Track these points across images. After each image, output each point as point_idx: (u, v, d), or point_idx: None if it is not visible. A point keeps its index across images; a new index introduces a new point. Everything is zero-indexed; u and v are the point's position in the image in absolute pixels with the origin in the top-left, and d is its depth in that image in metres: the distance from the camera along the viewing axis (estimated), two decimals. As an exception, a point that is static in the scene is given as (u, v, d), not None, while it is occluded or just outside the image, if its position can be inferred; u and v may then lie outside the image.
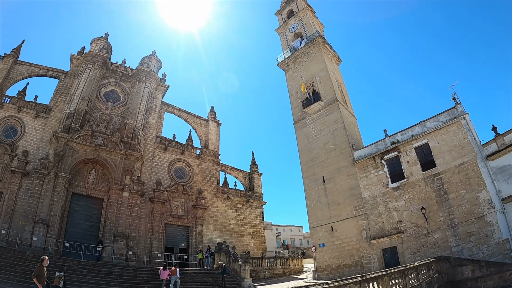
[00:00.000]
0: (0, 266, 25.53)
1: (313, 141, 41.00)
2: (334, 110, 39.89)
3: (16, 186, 35.34)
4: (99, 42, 45.90)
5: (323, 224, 36.96)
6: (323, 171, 38.83)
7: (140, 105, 43.47)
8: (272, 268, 40.71)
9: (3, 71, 41.13)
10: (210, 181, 46.38)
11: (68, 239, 34.73)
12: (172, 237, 41.26)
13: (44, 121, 39.80)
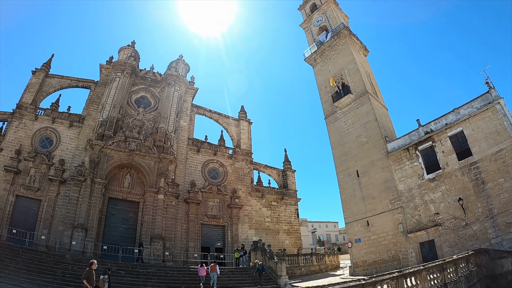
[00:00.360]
0: (40, 270, 26.83)
1: (345, 135, 40.50)
2: (365, 102, 39.25)
3: (54, 194, 37.27)
4: (127, 51, 47.11)
5: (358, 219, 36.55)
6: (356, 165, 38.33)
7: (171, 109, 44.20)
8: (308, 265, 40.43)
9: (36, 85, 43.36)
10: (243, 180, 46.64)
11: (106, 242, 35.98)
12: (208, 237, 41.82)
13: (78, 130, 41.60)
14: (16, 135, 40.61)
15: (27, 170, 38.48)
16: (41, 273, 26.52)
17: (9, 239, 33.90)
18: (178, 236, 39.47)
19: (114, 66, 45.37)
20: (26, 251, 30.38)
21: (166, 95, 45.28)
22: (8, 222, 35.98)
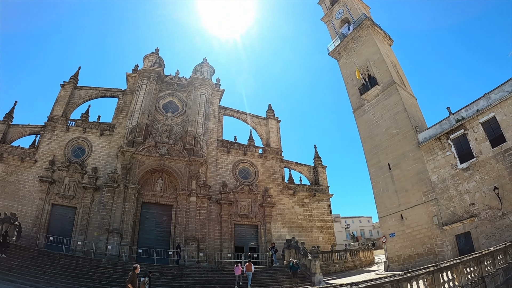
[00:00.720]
0: (77, 274, 27.82)
1: (375, 128, 39.99)
2: (393, 93, 38.63)
3: (89, 201, 38.62)
4: (151, 58, 47.82)
5: (392, 213, 36.03)
6: (387, 157, 37.78)
7: (199, 112, 44.65)
8: (343, 261, 40.23)
9: (65, 97, 44.81)
10: (275, 178, 46.50)
11: (141, 245, 36.97)
12: (241, 237, 42.00)
13: (109, 138, 42.71)
14: (49, 147, 42.02)
15: (62, 179, 39.84)
16: (78, 277, 27.41)
17: (46, 246, 35.44)
18: (211, 237, 39.83)
19: (140, 74, 46.27)
20: (63, 257, 31.52)
21: (193, 98, 45.76)
22: (45, 230, 37.58)
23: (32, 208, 38.72)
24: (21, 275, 26.03)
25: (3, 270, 25.96)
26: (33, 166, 41.03)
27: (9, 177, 40.46)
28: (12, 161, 41.17)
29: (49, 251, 33.28)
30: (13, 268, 26.98)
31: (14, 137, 44.60)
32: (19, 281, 24.73)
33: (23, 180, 40.53)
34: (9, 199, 39.28)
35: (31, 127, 45.14)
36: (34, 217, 38.15)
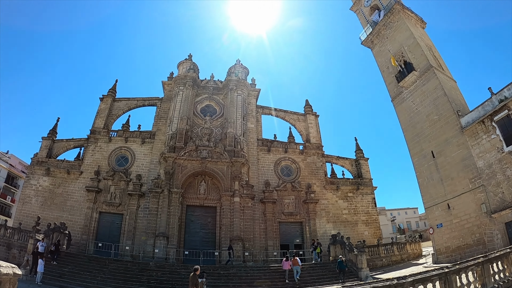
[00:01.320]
0: (126, 278, 28.71)
1: (415, 115, 38.85)
2: (431, 78, 37.31)
3: (135, 207, 39.82)
4: (185, 64, 48.70)
5: (438, 203, 34.71)
6: (430, 145, 36.53)
7: (237, 113, 44.86)
8: (390, 255, 39.27)
9: (105, 110, 46.45)
10: (317, 174, 45.99)
11: (187, 247, 37.77)
12: (286, 234, 41.81)
13: (150, 145, 43.86)
14: (93, 158, 43.44)
15: (107, 188, 41.17)
16: (127, 281, 28.27)
17: (95, 252, 36.89)
18: (256, 236, 39.89)
19: (175, 81, 47.19)
20: (112, 262, 32.58)
21: (229, 100, 46.03)
22: (94, 237, 39.08)
23: (81, 217, 40.29)
24: (72, 280, 27.10)
25: (55, 277, 27.08)
26: (79, 177, 42.51)
27: (57, 189, 42.13)
28: (59, 174, 42.83)
29: (98, 256, 34.56)
30: (65, 274, 28.11)
31: (59, 151, 46.34)
32: (71, 286, 25.79)
33: (70, 191, 42.11)
34: (58, 210, 41.03)
35: (75, 141, 46.81)
36: (83, 225, 39.68)
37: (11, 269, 10.72)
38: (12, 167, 72.96)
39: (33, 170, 43.69)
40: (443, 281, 12.10)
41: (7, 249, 34.63)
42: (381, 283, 10.99)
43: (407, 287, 11.14)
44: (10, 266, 10.79)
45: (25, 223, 38.87)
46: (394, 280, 11.17)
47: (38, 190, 42.45)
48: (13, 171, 72.81)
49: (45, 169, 42.92)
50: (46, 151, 44.81)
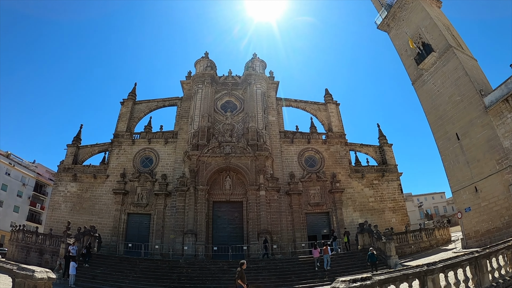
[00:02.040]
0: (157, 276, 29.26)
1: (437, 97, 38.06)
2: (451, 58, 36.37)
3: (162, 206, 40.47)
4: (202, 62, 48.85)
5: (465, 186, 33.84)
6: (454, 127, 35.63)
7: (257, 107, 44.73)
8: (418, 241, 38.76)
9: (126, 113, 47.29)
10: (341, 163, 45.65)
11: (216, 243, 38.28)
12: (313, 225, 41.73)
13: (173, 145, 44.41)
14: (118, 161, 44.20)
15: (134, 189, 41.91)
16: (158, 279, 28.76)
17: (126, 253, 37.69)
18: (284, 228, 39.98)
19: (194, 79, 47.48)
20: (142, 261, 33.19)
21: (249, 95, 45.97)
22: (124, 238, 39.93)
23: (109, 219, 41.19)
24: (105, 281, 27.78)
25: (88, 279, 27.74)
26: (106, 181, 43.33)
27: (85, 194, 43.00)
28: (86, 179, 43.72)
29: (129, 257, 35.28)
30: (97, 276, 28.81)
31: (85, 157, 47.24)
32: (104, 287, 26.42)
33: (98, 194, 42.96)
34: (87, 214, 41.99)
35: (99, 146, 47.68)
36: (112, 227, 40.54)
37: (45, 274, 11.12)
38: (40, 176, 74.72)
39: (60, 177, 44.63)
40: (473, 266, 12.08)
41: (40, 255, 35.62)
42: (411, 270, 10.85)
43: (437, 273, 11.11)
44: (44, 271, 11.19)
45: (56, 228, 39.85)
46: (424, 266, 11.06)
47: (66, 196, 43.40)
48: (41, 179, 74.58)
49: (72, 175, 43.83)
50: (72, 157, 45.74)
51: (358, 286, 9.19)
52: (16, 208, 67.73)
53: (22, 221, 60.42)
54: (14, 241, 39.31)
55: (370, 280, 9.54)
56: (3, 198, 65.21)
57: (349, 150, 47.57)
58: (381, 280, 9.86)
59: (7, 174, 66.36)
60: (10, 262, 12.70)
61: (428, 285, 10.74)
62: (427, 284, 10.74)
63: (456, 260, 11.94)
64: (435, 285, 10.87)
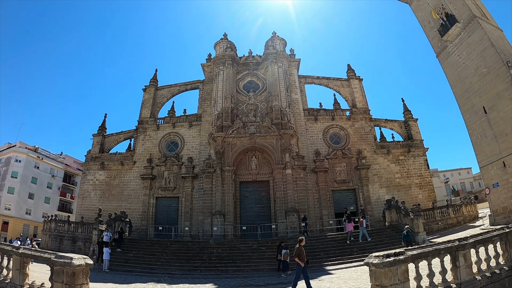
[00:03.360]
0: (188, 257, 29.78)
1: (463, 70, 37.02)
2: (475, 29, 35.29)
3: (189, 189, 41.08)
4: (222, 44, 48.49)
5: (493, 161, 32.99)
6: (481, 100, 34.56)
7: (279, 86, 44.33)
8: (445, 218, 38.06)
9: (149, 100, 47.89)
10: (366, 139, 45.13)
11: (244, 223, 38.68)
12: (340, 202, 41.49)
13: (198, 128, 44.83)
14: (144, 147, 44.88)
15: (161, 174, 42.60)
16: (189, 260, 29.22)
17: (156, 236, 38.58)
18: (311, 206, 40.03)
19: (214, 62, 47.33)
20: (173, 243, 33.74)
21: (271, 74, 45.55)
22: (153, 222, 40.85)
23: (138, 204, 42.10)
24: (137, 264, 28.46)
25: (121, 263, 28.51)
26: (133, 167, 44.12)
27: (113, 181, 43.86)
28: (113, 167, 44.58)
29: (159, 239, 36.07)
30: (130, 260, 29.53)
31: (111, 145, 48.13)
32: (136, 270, 26.92)
33: (126, 181, 43.78)
34: (116, 200, 42.86)
35: (124, 133, 48.47)
36: (141, 212, 41.48)
37: (83, 260, 11.42)
38: (68, 167, 76.42)
39: (88, 166, 45.73)
40: (504, 242, 12.07)
41: (73, 243, 36.71)
42: (443, 245, 10.90)
43: (468, 248, 11.14)
44: (82, 258, 11.49)
45: (87, 216, 41.04)
46: (455, 241, 11.04)
47: (95, 184, 44.51)
48: (69, 170, 76.32)
49: (99, 164, 44.86)
50: (98, 146, 46.68)
51: (391, 260, 9.33)
52: (47, 199, 69.67)
53: (54, 211, 62.18)
54: (47, 231, 40.60)
55: (403, 255, 9.68)
56: (34, 190, 67.10)
57: (374, 126, 46.91)
58: (414, 255, 10.03)
59: (36, 167, 68.17)
60: (47, 251, 12.98)
61: (459, 261, 10.83)
62: (458, 260, 10.83)
63: (487, 235, 11.95)
64: (467, 260, 10.97)
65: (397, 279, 9.36)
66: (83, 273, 11.35)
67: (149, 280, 22.29)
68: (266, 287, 19.06)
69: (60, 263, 11.06)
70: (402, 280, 9.46)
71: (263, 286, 19.53)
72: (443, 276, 10.72)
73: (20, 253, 12.49)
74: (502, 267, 11.77)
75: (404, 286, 9.51)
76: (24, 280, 12.48)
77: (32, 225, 64.87)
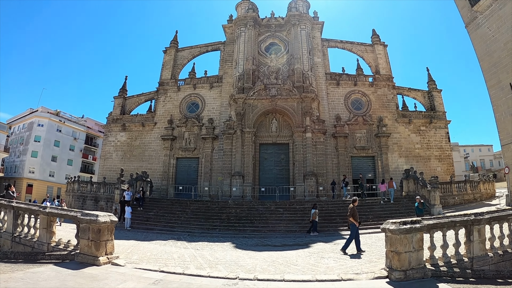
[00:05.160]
0: (207, 216, 30.40)
1: (492, 43, 35.54)
2: (508, 1, 33.13)
3: (209, 150, 41.57)
4: (243, 5, 47.67)
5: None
6: (508, 76, 32.72)
7: (302, 48, 43.66)
8: (462, 193, 37.58)
9: (170, 61, 48.34)
10: (388, 107, 44.57)
11: (263, 184, 39.03)
12: (358, 169, 41.35)
13: (218, 89, 44.84)
14: (165, 108, 45.19)
15: (182, 134, 43.06)
16: (208, 219, 29.83)
17: (176, 195, 39.49)
18: (329, 171, 40.03)
19: (236, 23, 46.73)
20: (193, 203, 34.43)
21: (293, 36, 44.84)
22: (173, 181, 41.61)
23: (159, 164, 42.71)
24: (158, 222, 29.13)
25: (142, 221, 29.29)
26: (154, 128, 44.63)
27: (134, 142, 44.51)
28: (134, 128, 45.17)
29: (179, 199, 36.70)
30: (151, 218, 30.31)
31: (132, 107, 48.60)
32: (157, 228, 27.57)
33: (147, 142, 44.39)
34: (137, 161, 43.53)
35: (145, 95, 48.89)
36: (162, 172, 42.12)
37: (108, 217, 11.80)
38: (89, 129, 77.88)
39: (110, 128, 46.44)
40: None
41: (95, 202, 37.59)
42: (459, 218, 10.97)
43: (484, 224, 11.14)
44: (107, 215, 11.86)
45: (108, 177, 41.98)
46: (471, 215, 11.06)
47: (117, 146, 45.31)
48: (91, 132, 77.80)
49: (121, 125, 45.50)
50: (119, 108, 47.26)
51: (408, 228, 9.60)
52: (69, 161, 71.59)
53: (76, 173, 63.50)
54: (70, 192, 41.69)
55: (419, 223, 9.92)
56: (57, 153, 68.91)
57: (397, 94, 46.31)
58: (430, 225, 10.24)
59: (58, 131, 69.64)
60: (74, 210, 13.40)
61: (473, 235, 10.89)
62: (472, 234, 10.89)
63: (503, 213, 11.90)
64: (481, 236, 11.02)
65: (412, 247, 9.66)
66: (108, 230, 11.80)
67: (169, 238, 22.84)
68: (283, 247, 19.27)
69: (86, 220, 11.49)
70: (417, 248, 9.76)
71: (280, 246, 19.80)
72: (457, 248, 10.89)
73: (47, 212, 12.89)
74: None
75: (418, 254, 9.80)
76: (51, 238, 12.94)
77: (55, 186, 66.79)
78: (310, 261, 14.16)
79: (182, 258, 14.76)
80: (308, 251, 17.24)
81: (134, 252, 16.08)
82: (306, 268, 12.71)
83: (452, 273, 10.08)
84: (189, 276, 10.42)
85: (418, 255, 9.82)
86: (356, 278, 10.06)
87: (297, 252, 17.22)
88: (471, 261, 10.66)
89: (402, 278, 9.33)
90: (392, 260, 9.80)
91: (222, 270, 12.04)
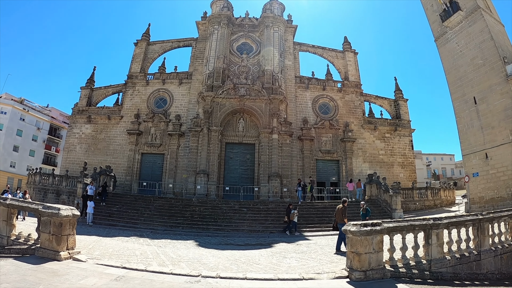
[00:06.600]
0: (171, 213, 30.34)
1: (459, 58, 36.87)
2: (477, 19, 34.99)
3: (175, 146, 41.18)
4: (219, 3, 47.44)
5: (476, 151, 33.53)
6: (473, 90, 34.68)
7: (274, 50, 43.86)
8: (423, 199, 38.98)
9: (140, 54, 47.67)
10: (355, 113, 45.34)
11: (227, 183, 38.99)
12: (323, 172, 42.10)
13: (188, 86, 44.56)
14: (132, 102, 44.63)
15: (148, 130, 42.54)
16: (172, 216, 29.78)
17: (140, 192, 38.87)
18: (294, 173, 40.28)
19: (209, 20, 46.38)
20: (156, 199, 34.25)
21: (266, 37, 44.96)
22: (138, 177, 40.96)
23: (124, 159, 42.07)
24: (120, 219, 28.81)
25: (104, 216, 28.80)
26: (120, 121, 43.93)
27: (99, 135, 43.80)
28: (100, 120, 44.40)
29: (143, 195, 36.29)
30: (113, 214, 29.87)
31: (99, 99, 47.79)
32: (120, 224, 27.27)
33: (112, 135, 43.69)
34: (102, 154, 42.84)
35: (113, 87, 48.09)
36: (126, 167, 41.52)
37: (70, 211, 11.63)
38: (54, 119, 75.77)
39: (75, 119, 45.44)
40: (476, 228, 12.58)
41: (57, 196, 36.88)
42: (418, 222, 11.46)
43: (442, 228, 11.64)
44: (69, 208, 11.71)
45: (71, 170, 41.02)
46: (430, 220, 11.53)
47: (81, 138, 44.37)
48: (55, 123, 75.71)
49: (86, 117, 44.59)
50: (85, 100, 46.34)
51: (368, 230, 9.97)
52: (31, 152, 69.20)
53: (38, 165, 61.60)
54: (31, 184, 40.54)
55: (379, 226, 10.31)
56: (19, 143, 66.46)
57: (364, 101, 47.16)
58: (390, 228, 10.60)
59: (21, 119, 67.31)
60: (35, 202, 13.19)
61: (432, 239, 11.35)
62: (431, 238, 11.35)
63: (461, 219, 12.46)
64: (439, 239, 11.49)
65: (372, 248, 10.02)
66: (70, 224, 11.64)
67: (132, 234, 22.63)
68: (246, 247, 19.40)
69: (47, 213, 11.31)
70: (377, 250, 10.12)
71: (243, 245, 19.89)
72: (415, 251, 11.28)
73: (7, 204, 12.59)
74: (471, 251, 12.34)
75: (378, 255, 10.16)
76: (11, 231, 12.66)
77: (16, 178, 64.40)
78: (272, 261, 14.33)
79: (145, 255, 14.69)
80: (270, 251, 17.42)
81: (96, 247, 15.85)
82: (268, 267, 12.90)
83: (411, 274, 10.45)
84: (151, 273, 10.41)
85: (378, 256, 10.16)
86: (318, 277, 10.30)
87: (259, 251, 17.41)
88: (429, 263, 11.06)
89: (362, 278, 9.66)
90: (352, 260, 10.11)
91: (184, 267, 12.03)
